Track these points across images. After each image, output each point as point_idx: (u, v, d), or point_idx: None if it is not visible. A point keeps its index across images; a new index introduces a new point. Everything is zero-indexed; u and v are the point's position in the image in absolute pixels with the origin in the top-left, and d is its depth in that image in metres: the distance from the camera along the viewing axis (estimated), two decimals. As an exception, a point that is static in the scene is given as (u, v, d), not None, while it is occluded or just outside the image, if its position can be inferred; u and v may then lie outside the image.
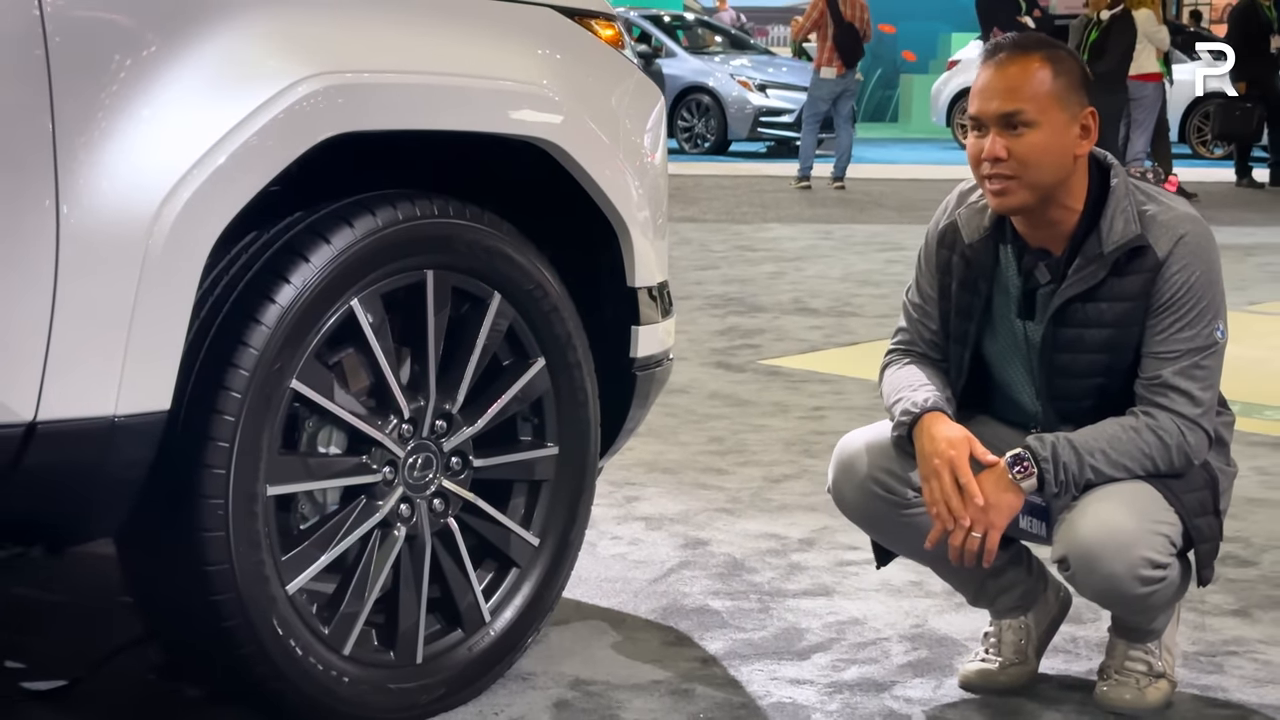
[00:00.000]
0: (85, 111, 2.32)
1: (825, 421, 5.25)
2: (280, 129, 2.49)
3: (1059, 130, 2.75)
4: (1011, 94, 2.74)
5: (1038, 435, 2.77)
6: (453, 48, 2.83)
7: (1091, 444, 2.73)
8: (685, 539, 3.92)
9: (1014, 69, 2.76)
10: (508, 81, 2.87)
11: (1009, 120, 2.74)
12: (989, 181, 2.77)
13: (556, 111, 2.92)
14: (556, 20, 3.02)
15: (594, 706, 2.89)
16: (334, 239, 2.63)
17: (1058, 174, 2.76)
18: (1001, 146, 2.74)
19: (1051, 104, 2.74)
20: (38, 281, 2.29)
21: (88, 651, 3.07)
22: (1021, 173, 2.74)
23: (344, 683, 2.70)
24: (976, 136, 2.79)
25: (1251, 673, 3.11)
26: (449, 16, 2.85)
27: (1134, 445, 2.73)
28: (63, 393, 2.32)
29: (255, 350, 2.53)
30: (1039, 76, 2.75)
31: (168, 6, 2.43)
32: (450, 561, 2.88)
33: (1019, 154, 2.73)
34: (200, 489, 2.51)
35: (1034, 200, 2.76)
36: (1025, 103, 2.73)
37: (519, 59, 2.92)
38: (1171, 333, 2.75)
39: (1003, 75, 2.76)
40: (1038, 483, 2.73)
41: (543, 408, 3.00)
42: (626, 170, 3.06)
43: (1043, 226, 2.81)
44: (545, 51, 2.98)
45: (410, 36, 2.76)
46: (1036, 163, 2.74)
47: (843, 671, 3.08)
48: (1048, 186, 2.76)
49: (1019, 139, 2.74)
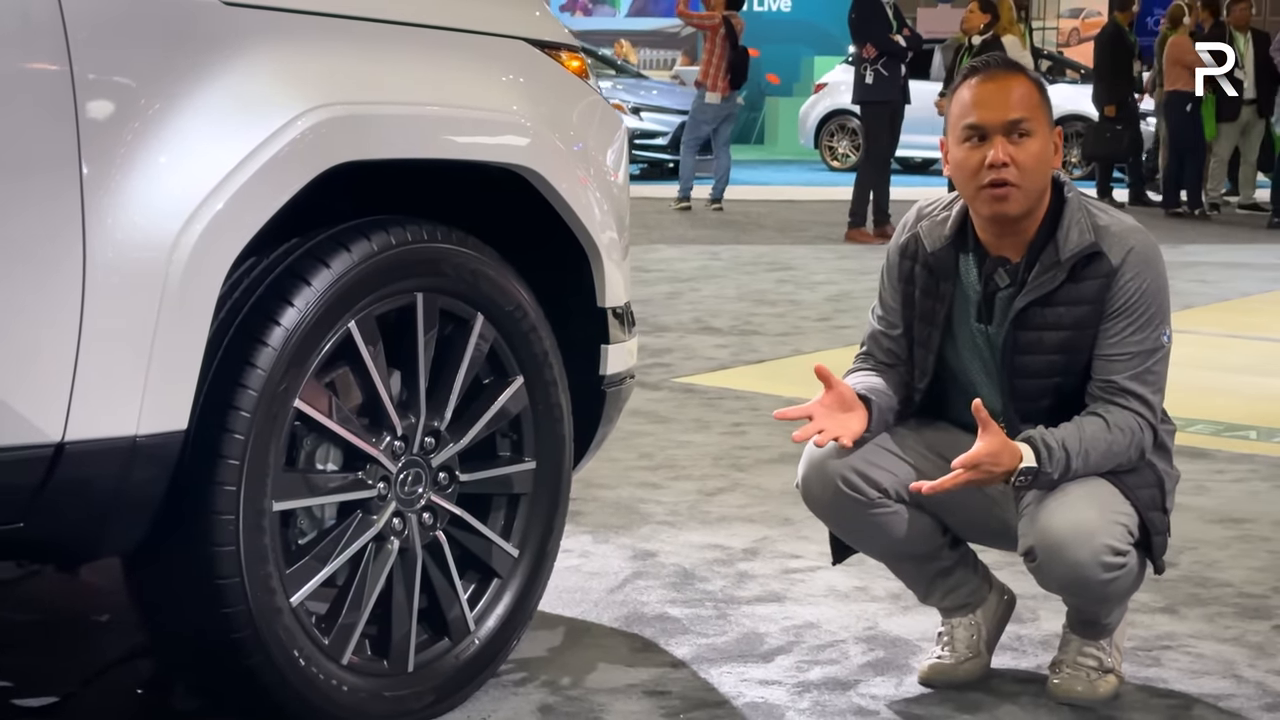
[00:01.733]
0: (109, 147, 2.42)
1: (747, 436, 5.41)
2: (287, 159, 2.60)
3: (1047, 143, 2.95)
4: (1013, 104, 2.93)
5: (1043, 441, 2.90)
6: (442, 80, 2.95)
7: (1079, 449, 2.90)
8: (634, 550, 4.05)
9: (1008, 82, 2.95)
10: (492, 112, 3.00)
11: (1014, 127, 2.92)
12: (990, 189, 2.93)
13: (535, 140, 3.05)
14: (530, 52, 3.15)
15: (577, 710, 3.01)
16: (333, 263, 2.74)
17: (1044, 183, 2.96)
18: (1006, 153, 2.91)
19: (1042, 115, 2.95)
20: (66, 308, 2.38)
21: (73, 669, 3.14)
22: (1022, 179, 2.92)
23: (343, 691, 2.80)
24: (973, 147, 2.95)
25: (1187, 665, 3.30)
26: (436, 50, 2.97)
27: (1111, 449, 2.92)
28: (88, 414, 2.41)
29: (263, 371, 2.63)
30: (1030, 90, 2.95)
31: (181, 46, 2.53)
32: (438, 573, 2.99)
33: (1020, 160, 2.92)
34: (212, 505, 2.60)
35: (1026, 207, 2.95)
36: (1026, 111, 2.93)
37: (500, 90, 3.05)
38: (1124, 336, 2.94)
39: (1000, 87, 2.94)
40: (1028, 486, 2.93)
41: (521, 424, 3.12)
42: (597, 196, 3.20)
43: (1010, 235, 2.99)
44: (522, 82, 3.11)
45: (403, 69, 2.87)
46: (1034, 169, 2.93)
47: (807, 672, 3.23)
48: (1037, 194, 2.95)
49: (1021, 147, 2.92)
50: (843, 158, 20.94)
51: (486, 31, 3.07)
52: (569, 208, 3.12)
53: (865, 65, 12.17)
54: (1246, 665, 3.30)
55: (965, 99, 3.00)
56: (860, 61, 12.28)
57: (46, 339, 2.37)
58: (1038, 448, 2.90)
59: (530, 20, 3.20)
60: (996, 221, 3.00)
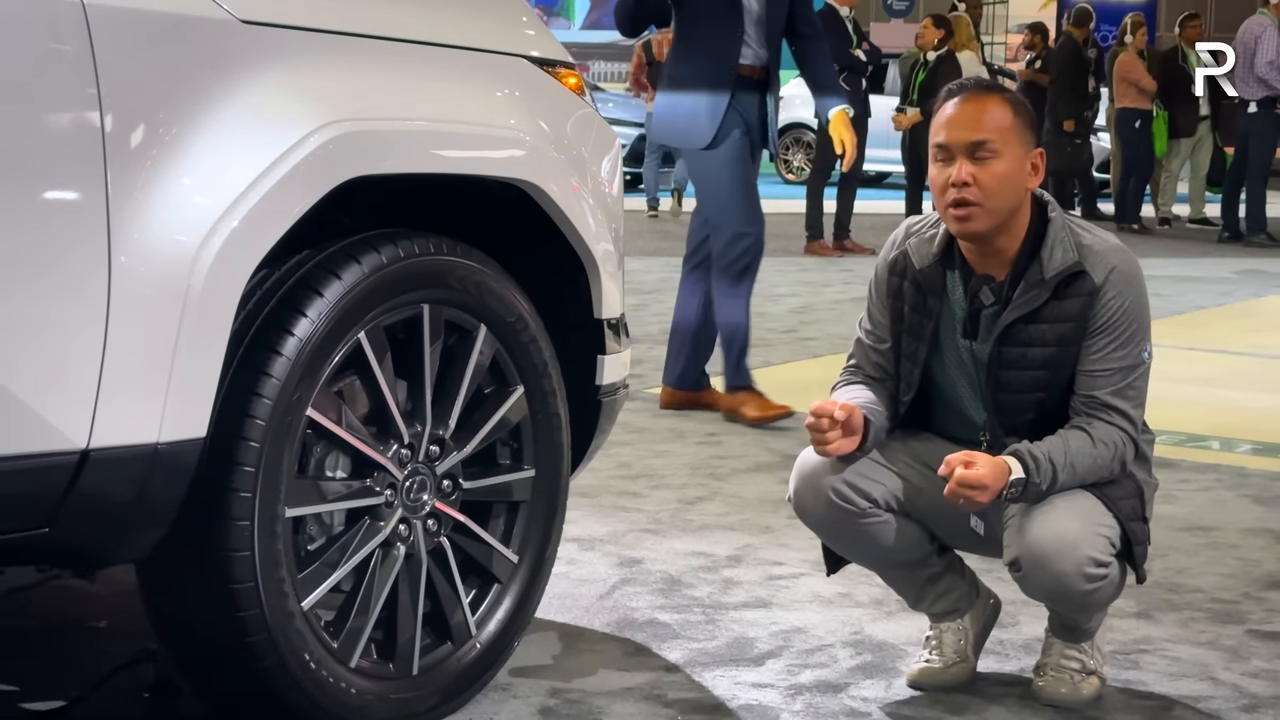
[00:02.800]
0: (134, 162, 2.48)
1: (722, 446, 5.49)
2: (303, 174, 2.67)
3: (1017, 163, 3.03)
4: (979, 125, 3.01)
5: (1030, 454, 2.98)
6: (448, 96, 3.02)
7: (1064, 462, 2.98)
8: (619, 558, 4.13)
9: (980, 104, 3.03)
10: (495, 127, 3.08)
11: (976, 149, 3.01)
12: (953, 208, 3.03)
13: (537, 155, 3.12)
14: (531, 70, 3.23)
15: (577, 713, 3.09)
16: (344, 275, 2.80)
17: (1013, 203, 3.04)
18: (968, 173, 3.01)
19: (1012, 138, 3.03)
20: (92, 318, 2.44)
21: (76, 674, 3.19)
22: (984, 199, 3.01)
23: (351, 693, 2.86)
24: (941, 166, 3.04)
25: (1164, 668, 3.40)
26: (441, 67, 3.04)
27: (1094, 462, 3.00)
28: (112, 421, 2.47)
29: (277, 380, 2.69)
30: (1001, 112, 3.03)
31: (202, 63, 2.60)
32: (442, 578, 3.05)
33: (983, 181, 3.00)
34: (228, 511, 2.66)
35: (991, 226, 3.03)
36: (991, 133, 3.01)
37: (503, 106, 3.13)
38: (1106, 352, 3.04)
39: (970, 109, 3.03)
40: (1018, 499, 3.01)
41: (521, 432, 3.19)
42: (593, 209, 3.28)
43: (990, 253, 3.08)
44: (524, 99, 3.18)
45: (411, 86, 2.95)
46: (998, 190, 3.01)
47: (798, 675, 3.32)
48: (1004, 214, 3.03)
49: (984, 167, 3.01)
50: (798, 170, 21.06)
51: (489, 49, 3.15)
52: (568, 221, 3.19)
53: (825, 80, 12.27)
54: (1222, 668, 3.41)
55: (940, 118, 3.09)
56: (820, 76, 12.37)
57: (73, 348, 2.43)
58: (1025, 460, 2.98)
59: (529, 38, 3.28)
60: (966, 239, 3.09)
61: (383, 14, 2.95)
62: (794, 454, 5.29)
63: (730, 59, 5.76)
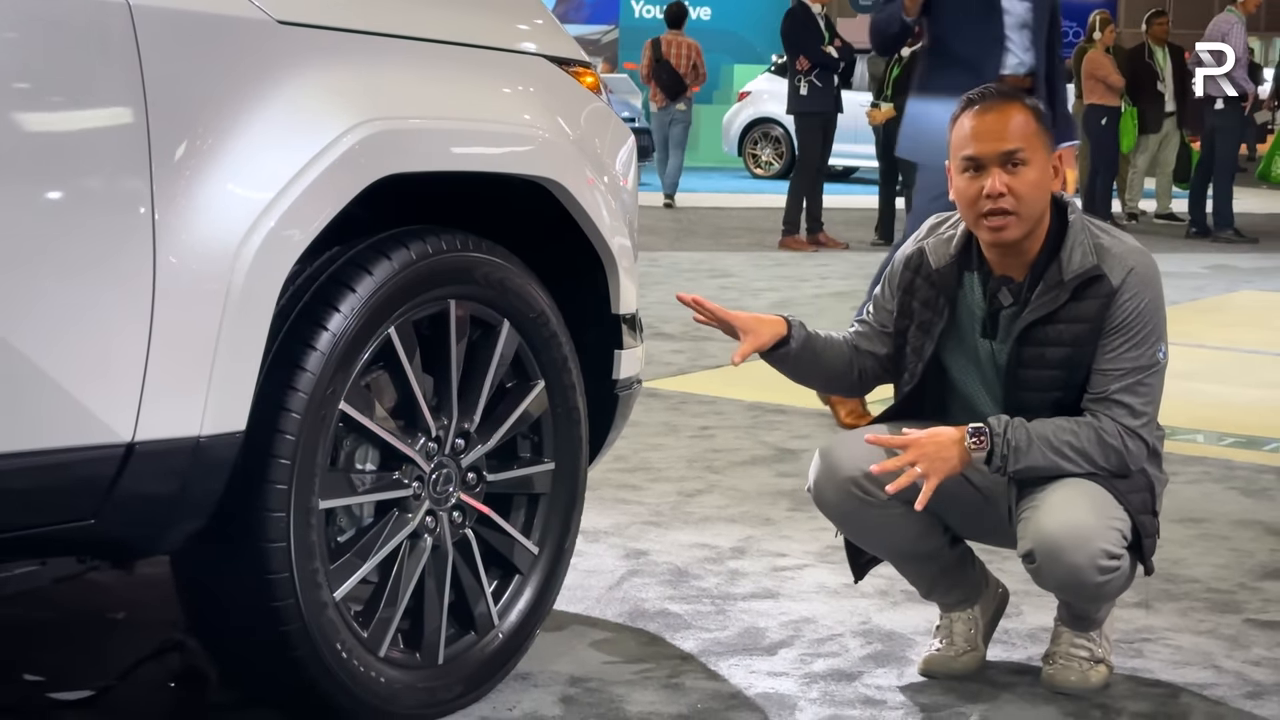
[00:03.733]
0: (178, 160, 2.52)
1: (716, 440, 5.56)
2: (339, 172, 2.72)
3: (1044, 169, 3.10)
4: (1007, 135, 3.08)
5: (997, 415, 3.09)
6: (474, 95, 3.07)
7: (1039, 431, 3.07)
8: (625, 550, 4.18)
9: (1003, 114, 3.10)
10: (519, 125, 3.13)
11: (1008, 159, 3.07)
12: (987, 218, 3.09)
13: (559, 153, 3.18)
14: (551, 69, 3.28)
15: (598, 701, 3.14)
16: (375, 271, 2.85)
17: (1042, 209, 3.11)
18: (1002, 183, 3.07)
19: (1038, 144, 3.10)
20: (137, 313, 2.48)
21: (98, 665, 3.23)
22: (1019, 207, 3.07)
23: (381, 682, 2.91)
24: (971, 178, 3.10)
25: (1168, 656, 3.48)
26: (467, 66, 3.09)
27: (1077, 440, 3.07)
28: (156, 415, 2.51)
29: (312, 374, 2.74)
30: (1025, 119, 3.10)
31: (241, 64, 2.64)
32: (466, 569, 3.11)
33: (1017, 189, 3.07)
34: (265, 503, 2.71)
35: (1026, 232, 3.10)
36: (1021, 141, 3.08)
37: (526, 105, 3.18)
38: (1120, 352, 3.11)
39: (996, 119, 3.09)
40: (986, 456, 3.07)
41: (541, 426, 3.25)
42: (612, 206, 3.33)
43: (1013, 255, 3.15)
44: (546, 98, 3.23)
45: (439, 85, 3.00)
46: (1031, 197, 3.08)
47: (811, 664, 3.38)
48: (1036, 219, 3.10)
49: (1017, 177, 3.07)
50: (766, 165, 21.19)
51: (510, 49, 3.20)
52: (589, 218, 3.24)
53: (799, 77, 12.36)
54: (1224, 656, 3.48)
55: (964, 130, 3.15)
56: (794, 73, 12.46)
57: (119, 343, 2.47)
58: (988, 420, 3.08)
59: (548, 37, 3.33)
60: (999, 246, 3.15)
61: (411, 14, 3.00)
62: (787, 448, 5.41)
63: (990, 68, 5.35)
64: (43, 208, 2.38)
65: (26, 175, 2.37)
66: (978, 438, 3.06)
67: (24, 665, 3.28)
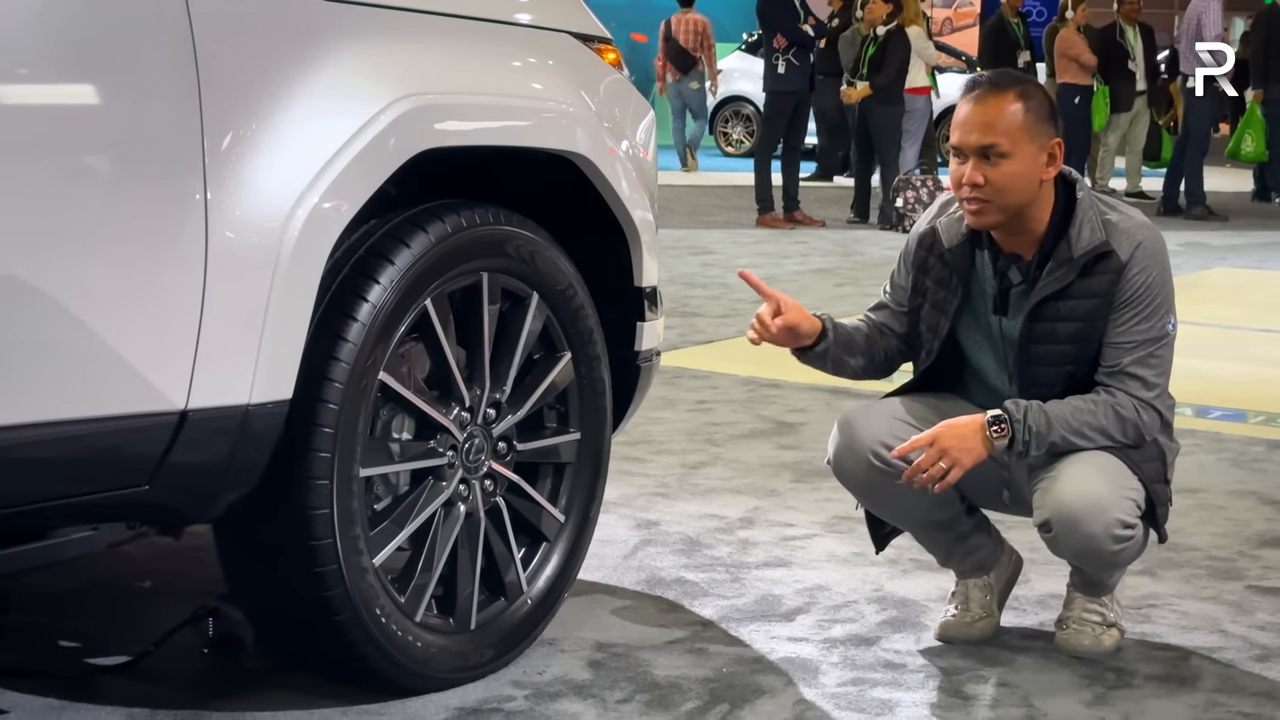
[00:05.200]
0: (229, 136, 2.59)
1: (714, 413, 5.63)
2: (381, 146, 2.78)
3: (1029, 160, 3.15)
4: (988, 129, 3.13)
5: (1014, 400, 3.17)
6: (506, 71, 3.14)
7: (1058, 413, 3.15)
8: (636, 520, 4.25)
9: (990, 105, 3.15)
10: (549, 101, 3.19)
11: (985, 152, 3.14)
12: (967, 203, 3.17)
13: (587, 128, 3.24)
14: (576, 46, 3.34)
15: (625, 665, 3.21)
16: (412, 244, 2.91)
17: (1026, 197, 3.16)
18: (979, 174, 3.14)
19: (1023, 137, 3.14)
20: (190, 284, 2.54)
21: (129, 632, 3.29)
22: (995, 197, 3.14)
23: (417, 646, 2.98)
24: (958, 163, 3.18)
25: (1175, 621, 3.57)
26: (499, 42, 3.15)
27: (1095, 418, 3.15)
28: (208, 384, 2.58)
29: (354, 345, 2.80)
30: (1012, 111, 3.15)
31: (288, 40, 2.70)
32: (497, 536, 3.17)
33: (994, 181, 3.13)
34: (309, 470, 2.77)
35: (1004, 219, 3.17)
36: (1000, 137, 3.13)
37: (555, 81, 3.24)
38: (1131, 325, 3.18)
39: (981, 110, 3.15)
40: (1008, 442, 3.15)
41: (568, 396, 3.31)
42: (635, 180, 3.39)
43: (1017, 234, 3.22)
44: (573, 74, 3.29)
45: (474, 61, 3.05)
46: (1008, 189, 3.14)
47: (829, 630, 3.46)
48: (1015, 208, 3.16)
49: (994, 168, 3.13)
50: (737, 143, 21.23)
51: (538, 25, 3.26)
52: (614, 192, 3.31)
53: (776, 55, 12.42)
54: (1229, 621, 3.57)
55: (957, 117, 3.21)
56: (771, 51, 12.51)
57: (174, 314, 2.53)
58: (1006, 405, 3.15)
59: (573, 14, 3.39)
60: (980, 229, 3.22)
61: (447, -8, 3.05)
62: (785, 421, 5.50)
63: None
64: (101, 183, 2.44)
65: (86, 151, 2.43)
66: (998, 425, 3.13)
67: (58, 632, 3.33)
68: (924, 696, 3.12)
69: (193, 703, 2.97)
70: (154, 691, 3.00)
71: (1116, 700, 3.12)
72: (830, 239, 11.65)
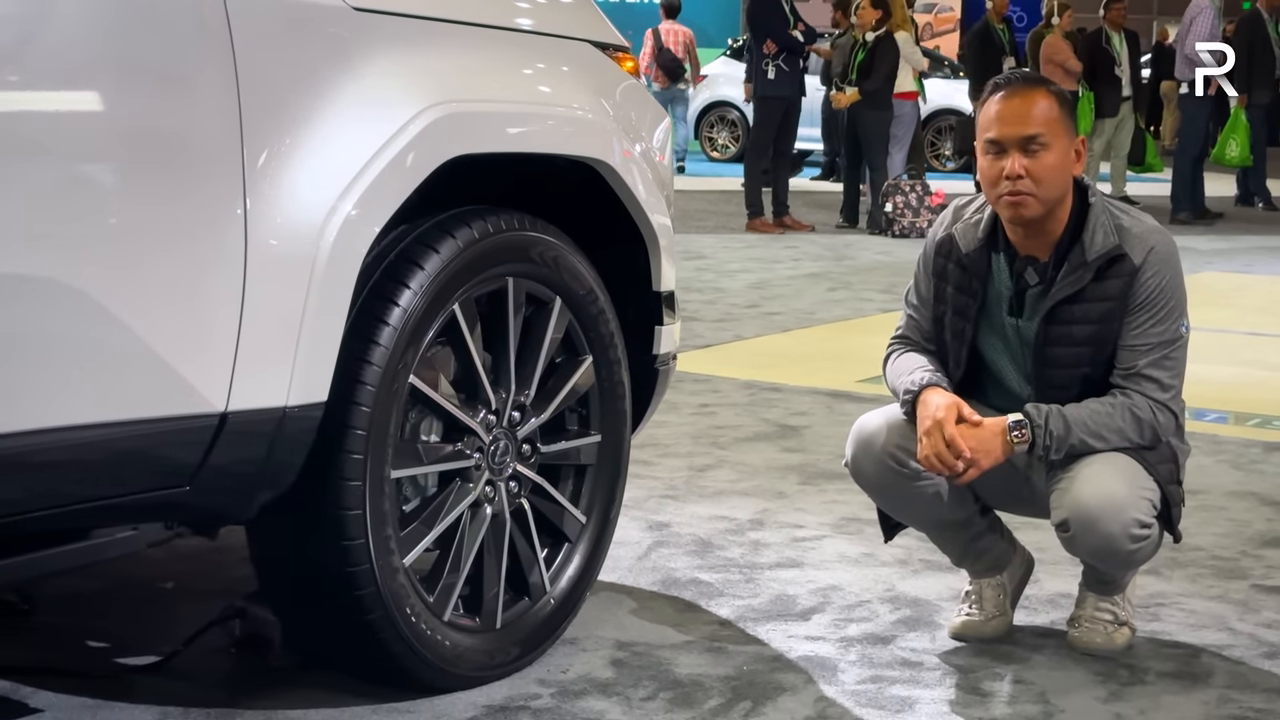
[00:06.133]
0: (267, 144, 2.64)
1: (717, 417, 5.68)
2: (412, 153, 2.83)
3: (1064, 152, 3.22)
4: (1029, 120, 3.20)
5: (1035, 404, 3.22)
6: (531, 79, 3.19)
7: (1077, 416, 3.21)
8: (647, 522, 4.30)
9: (1027, 99, 3.22)
10: (572, 108, 3.24)
11: (1027, 143, 3.20)
12: (1008, 196, 3.22)
13: (608, 135, 3.29)
14: (595, 53, 3.39)
15: (647, 664, 3.26)
16: (441, 249, 2.96)
17: (1062, 190, 3.23)
18: (1021, 166, 3.20)
19: (1060, 129, 3.22)
20: (230, 289, 2.59)
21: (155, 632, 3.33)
22: (1036, 189, 3.20)
23: (446, 645, 3.03)
24: (993, 159, 3.23)
25: (1184, 620, 3.63)
26: (524, 51, 3.20)
27: (1113, 420, 3.21)
28: (248, 386, 2.63)
29: (385, 348, 2.85)
30: (1048, 105, 3.22)
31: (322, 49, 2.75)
32: (521, 537, 3.22)
33: (1035, 172, 3.20)
34: (342, 472, 2.82)
35: (1043, 212, 3.23)
36: (1041, 127, 3.20)
37: (578, 89, 3.29)
38: (1145, 328, 3.25)
39: (1019, 104, 3.22)
40: (1028, 446, 3.21)
41: (589, 399, 3.36)
42: (653, 186, 3.44)
43: (1036, 236, 3.28)
44: (594, 81, 3.35)
45: (500, 69, 3.11)
46: (1049, 180, 3.21)
47: (845, 629, 3.51)
48: (1054, 201, 3.23)
49: (1035, 160, 3.20)
50: (723, 149, 21.28)
51: (560, 34, 3.31)
52: (634, 198, 3.36)
53: (767, 60, 12.48)
54: (1237, 619, 3.64)
55: (989, 114, 3.27)
56: (761, 57, 12.58)
57: (215, 318, 2.58)
58: (1028, 410, 3.21)
59: (593, 23, 3.44)
60: (1019, 224, 3.28)
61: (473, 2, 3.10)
62: (788, 424, 5.55)
63: None
64: (148, 190, 2.48)
65: (131, 158, 2.47)
66: (1019, 430, 3.19)
67: (85, 633, 3.37)
68: (943, 694, 3.17)
69: (224, 701, 3.01)
70: (186, 690, 3.04)
71: (1131, 696, 3.18)
72: (820, 244, 11.72)
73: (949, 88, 18.98)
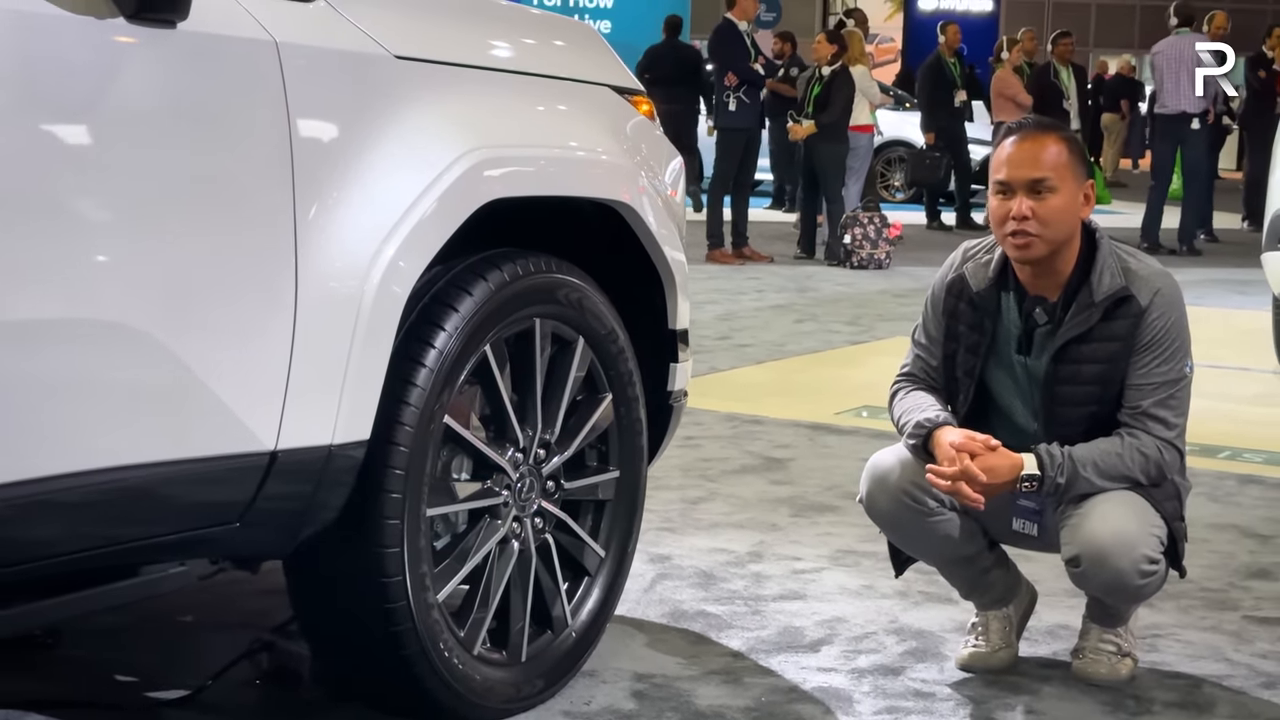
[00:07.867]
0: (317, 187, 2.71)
1: (703, 449, 5.76)
2: (452, 197, 2.90)
3: (1072, 196, 3.33)
4: (1038, 164, 3.31)
5: (1047, 451, 3.31)
6: (560, 124, 3.27)
7: (1084, 457, 3.30)
8: (648, 555, 4.37)
9: (1038, 143, 3.33)
10: (597, 152, 3.32)
11: (1036, 185, 3.30)
12: (1014, 237, 3.32)
13: (630, 177, 3.38)
14: (615, 98, 3.48)
15: (667, 695, 3.33)
16: (474, 291, 3.03)
17: (1067, 233, 3.34)
18: (1028, 208, 3.30)
19: (1068, 174, 3.33)
20: (282, 329, 2.65)
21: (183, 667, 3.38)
22: (1042, 231, 3.30)
23: (476, 679, 3.09)
24: (1002, 200, 3.34)
25: (1181, 651, 3.73)
26: (553, 97, 3.28)
27: (1120, 461, 3.31)
28: (297, 424, 2.69)
29: (422, 389, 2.92)
30: (1058, 150, 3.33)
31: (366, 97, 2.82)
32: (545, 572, 3.29)
33: (1041, 214, 3.30)
34: (381, 510, 2.88)
35: (1048, 253, 3.33)
36: (1049, 171, 3.31)
37: (603, 133, 3.37)
38: (1152, 368, 3.35)
39: (1030, 148, 3.33)
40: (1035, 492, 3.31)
41: (608, 436, 3.44)
42: (670, 226, 3.53)
43: (1044, 276, 3.38)
44: (615, 125, 3.43)
45: (532, 115, 3.19)
46: (1055, 222, 3.31)
47: (854, 660, 3.59)
48: (1060, 242, 3.33)
49: (1042, 202, 3.30)
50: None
51: (584, 80, 3.39)
52: (654, 240, 3.44)
53: (727, 92, 12.61)
54: (1232, 650, 3.74)
55: (1001, 156, 3.38)
56: (722, 89, 12.70)
57: (267, 359, 2.64)
58: (1041, 456, 3.30)
59: (612, 69, 3.53)
60: (1025, 264, 3.39)
61: (504, 49, 3.19)
62: (773, 457, 5.64)
63: None
64: (205, 235, 2.55)
65: (189, 202, 2.53)
66: (1030, 482, 3.29)
67: (112, 666, 3.41)
68: (957, 724, 3.27)
69: (257, 734, 3.07)
70: (218, 723, 3.10)
71: (1140, 726, 3.28)
72: (782, 275, 11.83)
73: (899, 119, 19.14)
